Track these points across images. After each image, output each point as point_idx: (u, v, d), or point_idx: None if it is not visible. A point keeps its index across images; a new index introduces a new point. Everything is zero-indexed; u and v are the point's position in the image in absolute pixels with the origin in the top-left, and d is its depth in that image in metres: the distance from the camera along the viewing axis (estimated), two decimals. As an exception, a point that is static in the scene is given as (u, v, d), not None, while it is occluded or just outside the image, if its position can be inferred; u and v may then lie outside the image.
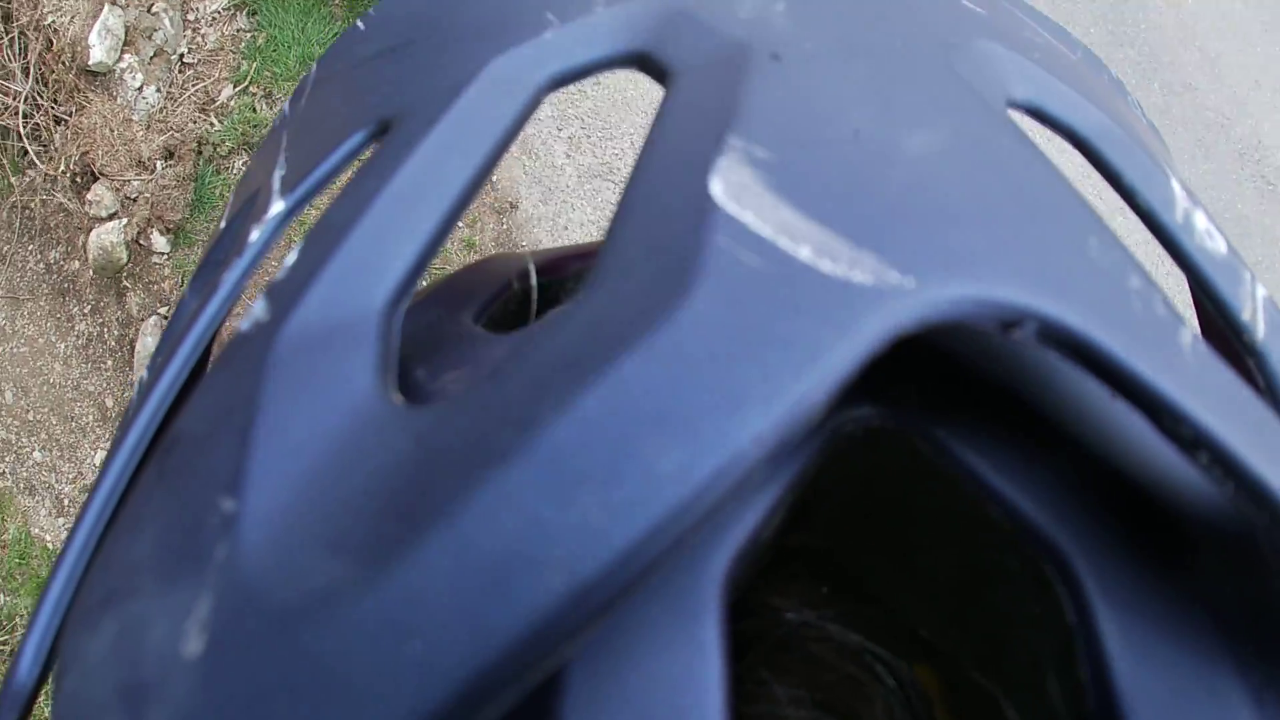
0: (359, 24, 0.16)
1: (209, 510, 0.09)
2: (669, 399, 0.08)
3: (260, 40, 1.61)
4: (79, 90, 1.66)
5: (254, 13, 1.64)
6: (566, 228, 1.44)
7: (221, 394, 0.11)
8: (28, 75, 1.65)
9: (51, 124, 1.67)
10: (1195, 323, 0.16)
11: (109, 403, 1.55)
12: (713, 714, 0.08)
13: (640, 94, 1.51)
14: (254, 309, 0.11)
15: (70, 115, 1.68)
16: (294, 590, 0.08)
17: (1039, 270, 0.09)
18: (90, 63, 1.66)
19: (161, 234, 1.48)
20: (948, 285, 0.09)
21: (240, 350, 0.11)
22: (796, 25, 0.12)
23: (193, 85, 1.59)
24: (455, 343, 0.12)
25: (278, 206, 0.13)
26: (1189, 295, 0.15)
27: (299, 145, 0.14)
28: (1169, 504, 0.10)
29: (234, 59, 1.61)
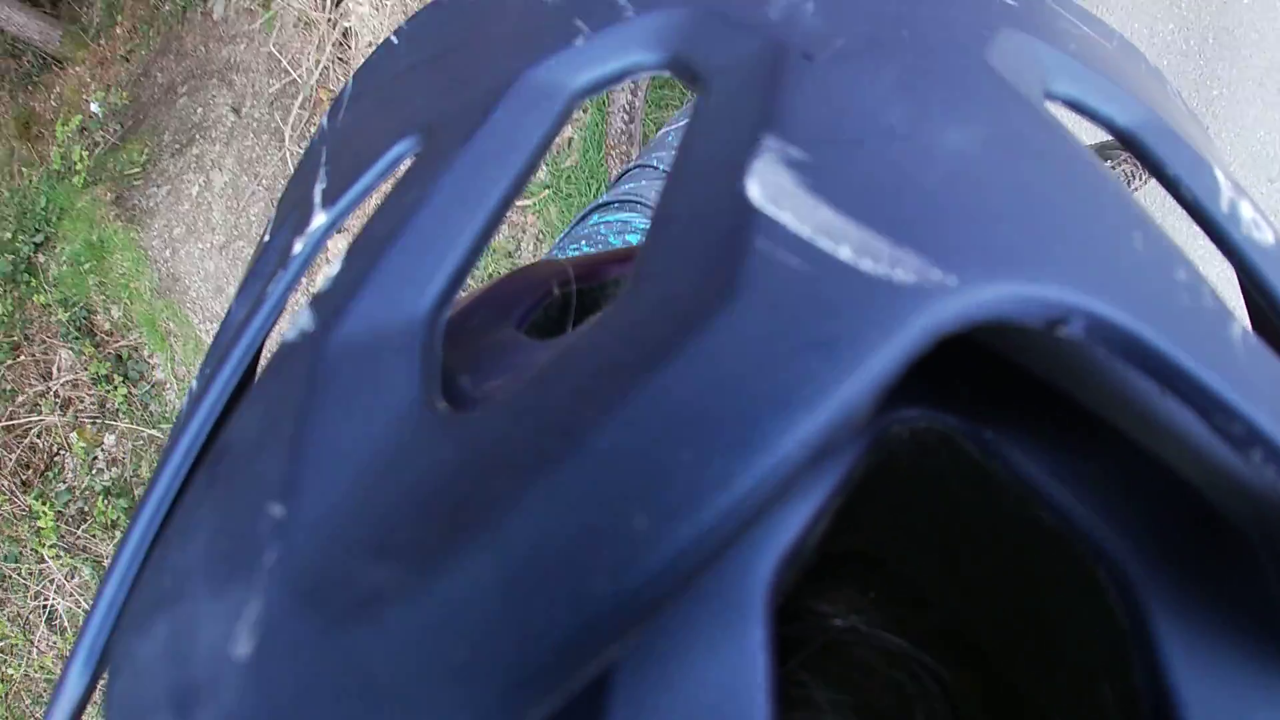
0: (393, 38, 0.17)
1: (259, 516, 0.10)
2: (713, 404, 0.08)
3: None
4: None
5: None
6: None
7: (270, 403, 0.11)
8: None
9: None
10: (1245, 316, 0.16)
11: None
12: (758, 717, 0.08)
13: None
14: (300, 319, 0.11)
15: None
16: (342, 595, 0.09)
17: (1084, 265, 0.09)
18: None
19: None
20: (991, 283, 0.09)
21: (288, 360, 0.11)
22: (827, 23, 0.12)
23: None
24: (498, 350, 0.12)
25: (320, 219, 0.13)
26: (1238, 288, 0.14)
27: (339, 159, 0.14)
28: (1223, 505, 0.10)
29: None
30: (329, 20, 1.74)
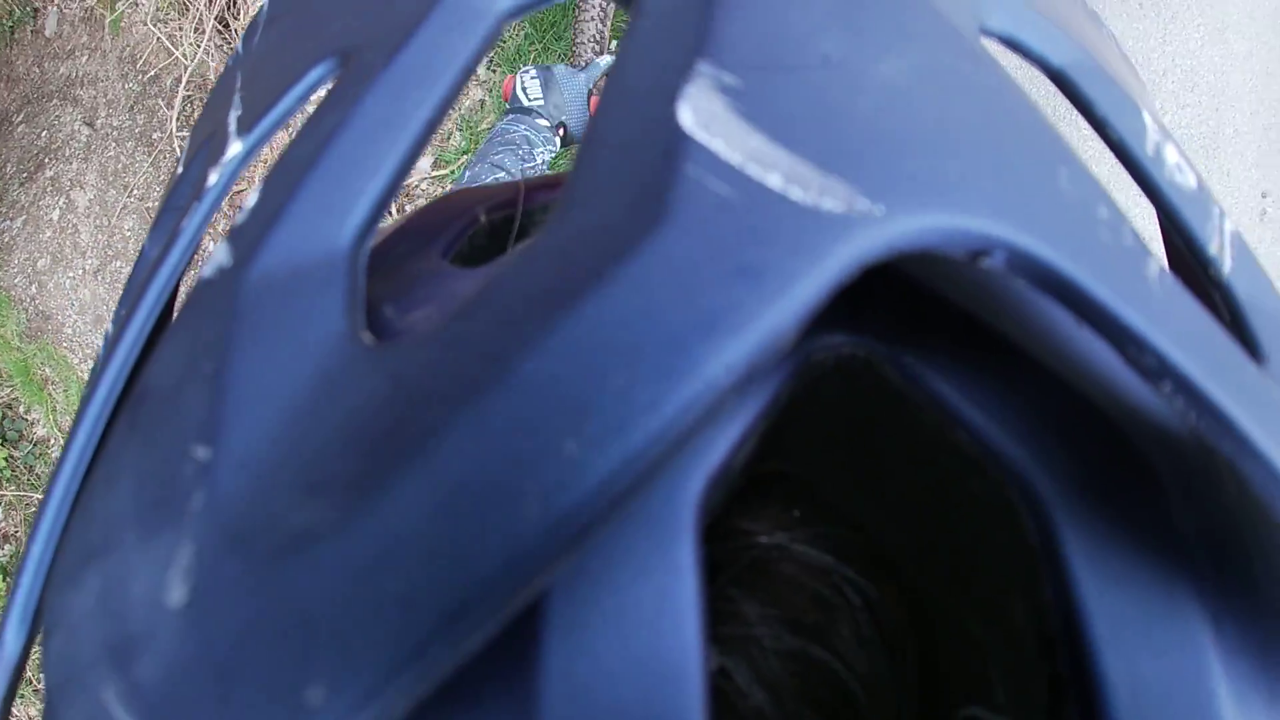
0: None
1: (184, 460, 0.09)
2: (641, 329, 0.08)
3: None
4: None
5: None
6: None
7: (189, 343, 0.10)
8: None
9: None
10: (1164, 256, 0.16)
11: None
12: (690, 635, 0.08)
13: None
14: (216, 254, 0.11)
15: None
16: (273, 533, 0.08)
17: (1008, 199, 0.09)
18: None
19: None
20: (917, 213, 0.09)
21: (205, 297, 0.11)
22: None
23: None
24: (424, 279, 0.12)
25: (235, 148, 0.12)
26: (1158, 229, 0.15)
27: (254, 84, 0.13)
28: (1132, 432, 0.11)
29: None
30: None
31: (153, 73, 1.74)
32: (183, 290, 0.12)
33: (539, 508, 0.07)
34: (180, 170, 0.14)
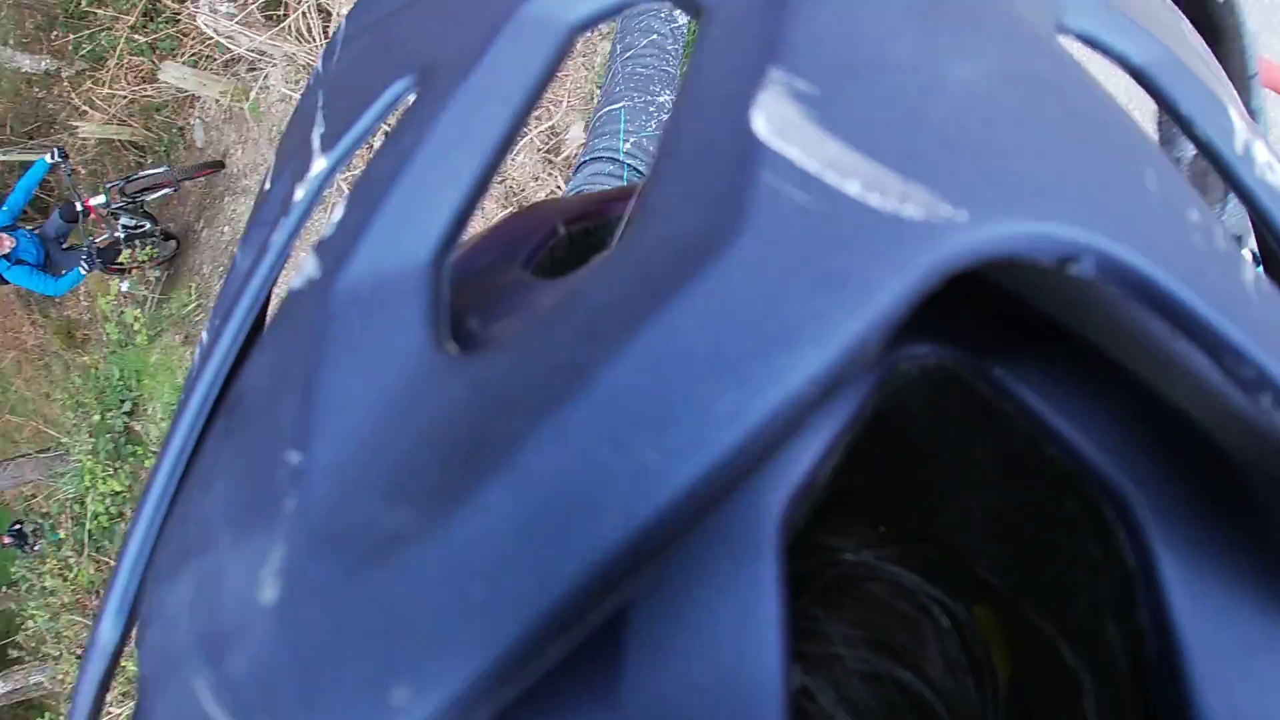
0: None
1: (276, 464, 0.10)
2: (721, 340, 0.08)
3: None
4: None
5: None
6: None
7: (281, 352, 0.11)
8: None
9: None
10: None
11: None
12: (771, 652, 0.08)
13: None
14: (306, 267, 0.11)
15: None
16: (362, 538, 0.09)
17: (1096, 203, 0.09)
18: None
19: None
20: (1002, 219, 0.08)
21: (295, 308, 0.11)
22: None
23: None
24: (506, 290, 0.12)
25: (320, 164, 0.13)
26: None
27: (336, 102, 0.14)
28: (1230, 448, 0.10)
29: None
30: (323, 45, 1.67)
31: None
32: (274, 302, 0.13)
33: (620, 518, 0.07)
34: (268, 186, 0.15)
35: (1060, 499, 0.11)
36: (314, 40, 1.70)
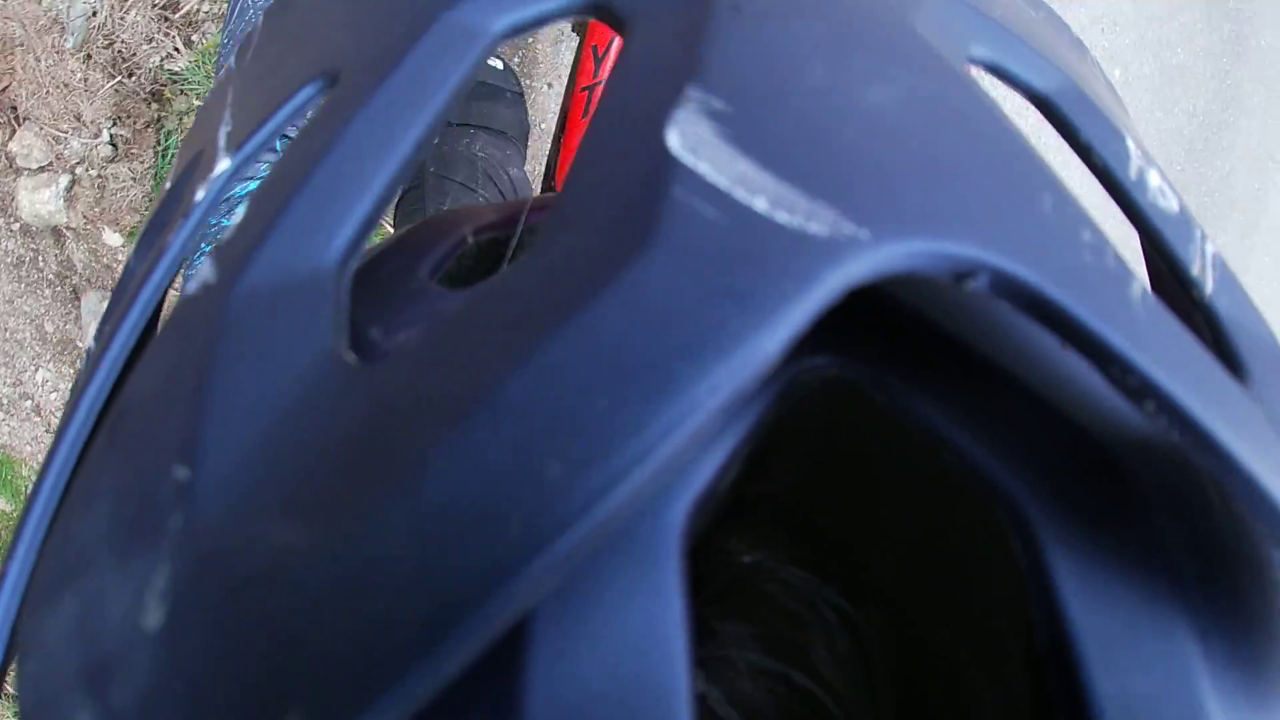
0: None
1: (163, 479, 0.09)
2: (626, 352, 0.08)
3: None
4: None
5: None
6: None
7: (171, 359, 0.10)
8: None
9: None
10: (1146, 278, 0.16)
11: (49, 327, 1.41)
12: (676, 659, 0.08)
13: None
14: (201, 271, 0.11)
15: None
16: (251, 556, 0.08)
17: (992, 223, 0.10)
18: None
19: (114, 231, 1.32)
20: (902, 237, 0.09)
21: (189, 314, 0.10)
22: None
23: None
24: (410, 299, 0.12)
25: (223, 164, 0.12)
26: (1140, 251, 0.15)
27: (245, 100, 0.14)
28: (1117, 452, 0.11)
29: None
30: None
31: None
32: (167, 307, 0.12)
33: (522, 530, 0.07)
34: (168, 185, 0.14)
35: (953, 504, 0.11)
36: None
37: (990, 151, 0.11)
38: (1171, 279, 0.14)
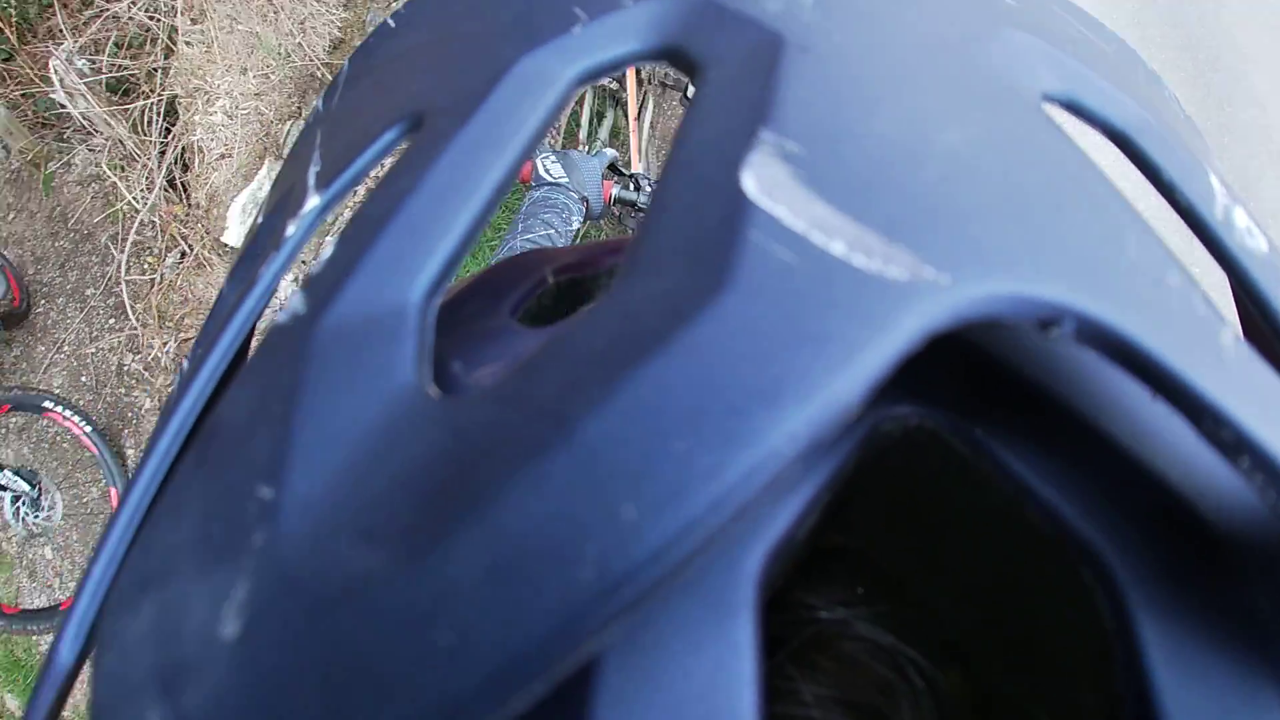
0: (389, 21, 0.17)
1: (248, 497, 0.10)
2: (703, 395, 0.08)
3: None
4: (199, 251, 1.52)
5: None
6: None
7: (260, 384, 0.11)
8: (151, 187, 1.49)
9: (154, 280, 1.54)
10: (1237, 322, 0.16)
11: None
12: (745, 713, 0.08)
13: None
14: (292, 302, 0.11)
15: (178, 276, 1.53)
16: (329, 577, 0.08)
17: (1076, 267, 0.09)
18: (222, 238, 1.48)
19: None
20: (984, 281, 0.09)
21: (279, 341, 0.11)
22: (826, 17, 0.12)
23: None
24: (491, 336, 0.12)
25: (313, 201, 0.13)
26: (1230, 294, 0.14)
27: (333, 141, 0.14)
28: (1209, 511, 0.10)
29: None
30: (159, 145, 1.52)
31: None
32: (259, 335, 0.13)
33: (594, 570, 0.07)
34: (260, 220, 0.15)
35: (1038, 561, 0.11)
36: (149, 136, 1.54)
37: (1071, 191, 0.10)
38: (1264, 324, 0.13)
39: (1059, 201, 0.10)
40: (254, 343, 0.13)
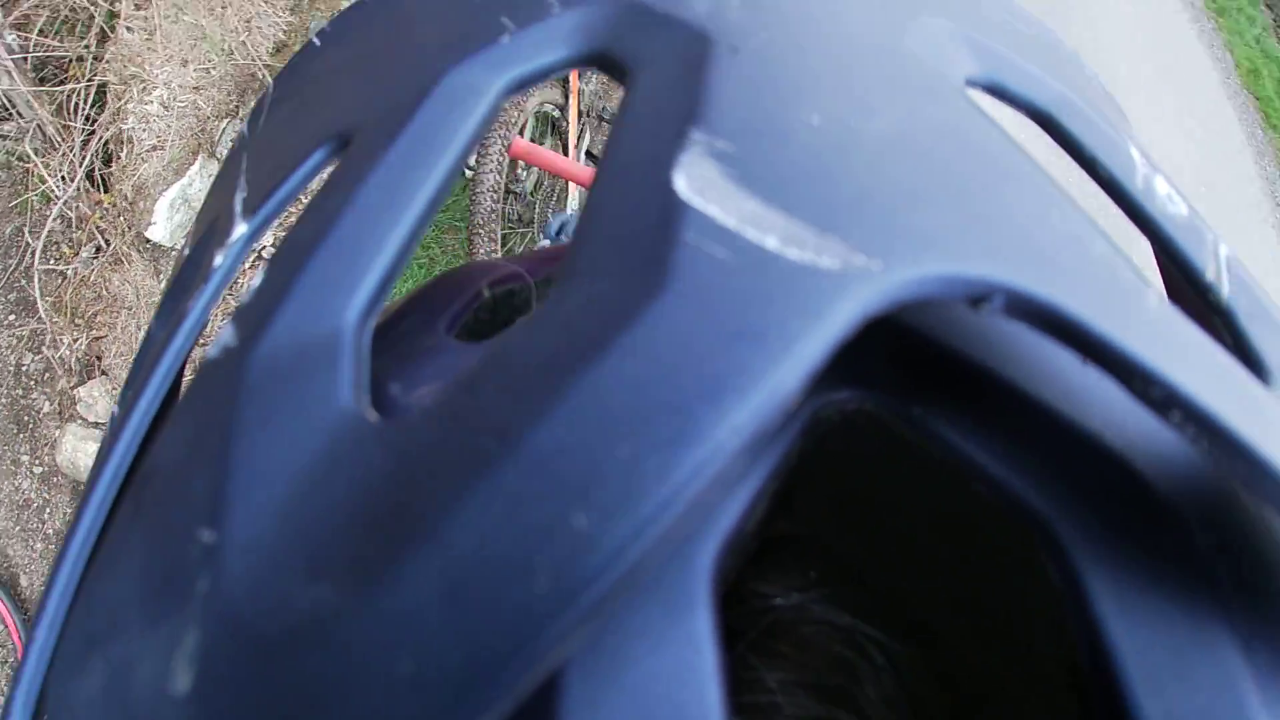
0: (314, 40, 0.16)
1: (189, 542, 0.09)
2: (646, 397, 0.08)
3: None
4: (118, 246, 1.42)
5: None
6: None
7: (194, 423, 0.10)
8: (70, 180, 1.39)
9: (66, 274, 1.42)
10: (1161, 286, 0.16)
11: (24, 582, 1.36)
12: (711, 707, 0.08)
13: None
14: (222, 335, 0.11)
15: (92, 271, 1.44)
16: (280, 618, 0.08)
17: (1003, 244, 0.10)
18: (146, 232, 1.39)
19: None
20: (914, 264, 0.09)
21: (211, 378, 0.11)
22: (752, 16, 0.12)
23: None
24: (429, 354, 0.12)
25: (240, 229, 0.13)
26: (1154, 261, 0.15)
27: (259, 166, 0.14)
28: (1147, 468, 0.10)
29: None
30: (83, 131, 1.44)
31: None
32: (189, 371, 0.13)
33: (550, 582, 0.07)
34: (186, 252, 0.14)
35: (986, 532, 0.11)
36: (74, 122, 1.45)
37: (995, 172, 0.11)
38: (1187, 285, 0.13)
39: (984, 182, 0.10)
40: (185, 380, 0.12)
